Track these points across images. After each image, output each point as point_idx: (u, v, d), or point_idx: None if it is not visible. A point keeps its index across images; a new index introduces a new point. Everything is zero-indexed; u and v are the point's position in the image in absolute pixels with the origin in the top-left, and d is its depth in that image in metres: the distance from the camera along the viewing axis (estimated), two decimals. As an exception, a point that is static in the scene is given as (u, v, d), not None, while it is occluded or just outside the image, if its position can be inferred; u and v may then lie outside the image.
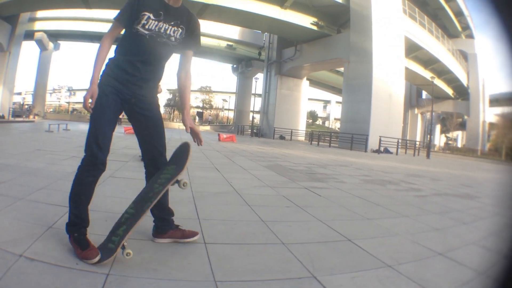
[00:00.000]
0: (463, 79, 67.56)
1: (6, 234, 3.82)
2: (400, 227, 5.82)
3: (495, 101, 76.32)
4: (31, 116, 57.74)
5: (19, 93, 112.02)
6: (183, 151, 3.84)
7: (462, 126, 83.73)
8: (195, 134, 3.94)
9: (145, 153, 3.97)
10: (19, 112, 58.38)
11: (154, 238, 4.07)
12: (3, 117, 43.29)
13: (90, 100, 3.49)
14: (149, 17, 3.60)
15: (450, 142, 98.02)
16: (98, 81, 3.58)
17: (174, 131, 41.96)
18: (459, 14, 60.17)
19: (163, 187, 3.64)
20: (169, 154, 3.95)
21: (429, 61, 55.43)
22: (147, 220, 3.86)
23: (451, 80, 66.98)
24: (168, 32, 3.72)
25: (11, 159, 9.54)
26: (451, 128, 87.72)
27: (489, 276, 3.71)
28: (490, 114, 76.42)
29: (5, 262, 3.12)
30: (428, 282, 3.59)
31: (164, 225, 4.03)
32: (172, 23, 3.74)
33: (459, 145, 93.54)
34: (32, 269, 3.08)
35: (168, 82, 78.01)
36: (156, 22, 3.64)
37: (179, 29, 3.80)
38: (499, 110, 76.72)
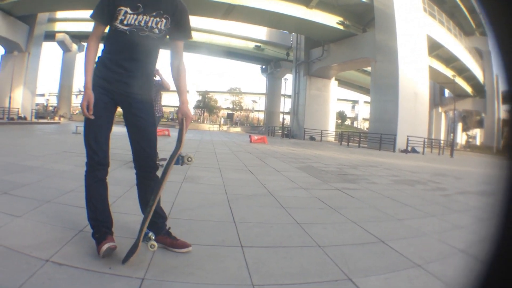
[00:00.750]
0: (480, 77, 67.20)
1: (30, 238, 3.76)
2: (428, 227, 5.81)
3: (508, 98, 75.62)
4: (56, 118, 58.24)
5: (42, 95, 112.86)
6: (179, 130, 3.77)
7: (480, 123, 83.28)
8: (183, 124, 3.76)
9: (134, 154, 3.88)
10: (43, 113, 58.86)
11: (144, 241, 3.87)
12: (25, 118, 43.53)
13: (86, 107, 3.44)
14: (126, 12, 3.45)
15: (470, 140, 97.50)
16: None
17: (205, 133, 42.18)
18: (472, 11, 59.74)
19: (167, 168, 3.58)
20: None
21: (449, 59, 54.90)
22: (190, 225, 3.81)
23: (470, 78, 66.51)
24: (149, 24, 3.55)
25: (36, 161, 9.55)
26: (471, 126, 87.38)
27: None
28: (503, 111, 75.81)
29: (29, 267, 3.04)
30: (451, 278, 3.61)
31: (155, 229, 3.81)
32: (154, 13, 3.54)
33: (478, 142, 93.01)
34: (61, 274, 3.01)
35: (197, 83, 78.13)
36: (135, 16, 3.48)
37: (163, 19, 3.60)
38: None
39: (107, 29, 3.67)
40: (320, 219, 5.68)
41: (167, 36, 3.76)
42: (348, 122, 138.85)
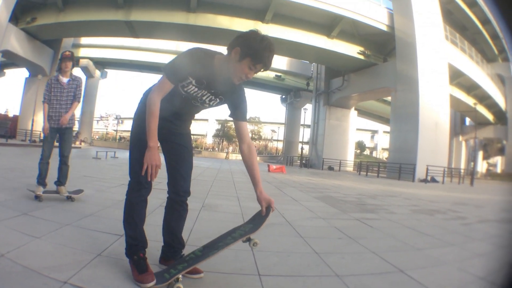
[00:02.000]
0: (502, 104, 66.51)
1: (49, 259, 3.80)
2: (448, 256, 5.75)
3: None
4: (77, 142, 58.63)
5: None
6: (264, 215, 3.76)
7: (501, 151, 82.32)
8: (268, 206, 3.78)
9: (169, 177, 3.94)
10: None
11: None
12: (46, 141, 43.95)
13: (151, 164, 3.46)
14: (190, 82, 3.55)
15: (491, 168, 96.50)
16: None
17: (223, 162, 42.29)
18: (495, 37, 59.25)
19: (234, 240, 3.59)
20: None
21: (471, 87, 54.05)
22: (219, 255, 3.80)
23: (491, 105, 65.62)
24: (204, 98, 3.71)
25: (58, 184, 9.59)
26: (492, 153, 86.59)
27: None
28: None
29: (47, 288, 3.05)
30: None
31: (170, 253, 3.97)
32: (212, 91, 3.67)
33: (499, 170, 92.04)
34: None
35: (215, 112, 78.44)
36: (196, 89, 3.61)
37: (217, 99, 3.76)
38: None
39: None
40: (339, 249, 5.68)
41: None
42: (367, 152, 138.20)
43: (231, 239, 3.62)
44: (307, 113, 58.07)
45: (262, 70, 3.45)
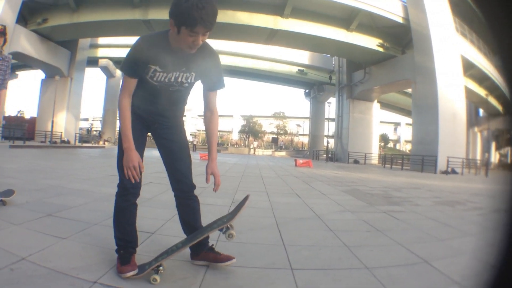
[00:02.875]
0: (508, 95, 65.90)
1: (77, 260, 3.80)
2: (467, 245, 5.88)
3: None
4: (101, 142, 59.28)
5: (86, 119, 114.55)
6: (241, 203, 3.77)
7: (510, 142, 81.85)
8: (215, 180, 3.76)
9: (170, 176, 3.94)
10: (87, 137, 60.02)
11: (191, 260, 4.00)
12: (68, 142, 44.50)
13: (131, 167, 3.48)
14: (155, 70, 3.46)
15: (502, 158, 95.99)
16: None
17: (250, 157, 42.58)
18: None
19: (211, 229, 3.68)
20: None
21: (482, 79, 54.22)
22: (240, 248, 4.04)
23: (500, 96, 65.48)
24: (179, 80, 3.58)
25: (83, 184, 9.72)
26: (503, 144, 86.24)
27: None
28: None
29: (74, 289, 3.03)
30: None
31: (197, 246, 3.89)
32: (184, 69, 3.54)
33: (509, 160, 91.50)
34: (108, 296, 2.99)
35: (241, 107, 78.79)
36: (165, 74, 3.49)
37: (192, 73, 3.61)
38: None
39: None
40: (367, 242, 5.69)
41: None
42: (390, 144, 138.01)
43: (208, 229, 3.73)
44: (331, 106, 58.24)
45: (206, 31, 3.21)
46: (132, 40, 61.31)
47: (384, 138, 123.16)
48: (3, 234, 4.50)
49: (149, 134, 3.93)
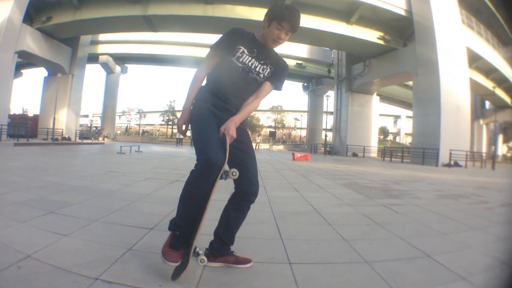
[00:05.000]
0: (520, 87, 65.87)
1: (79, 256, 3.84)
2: (472, 240, 5.79)
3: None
4: (101, 138, 59.33)
5: (86, 116, 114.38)
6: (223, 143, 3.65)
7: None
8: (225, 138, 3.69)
9: (240, 175, 3.76)
10: (87, 134, 59.96)
11: (208, 262, 3.86)
12: (69, 139, 44.48)
13: (184, 127, 3.80)
14: (243, 52, 3.76)
15: (511, 151, 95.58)
16: (191, 107, 3.78)
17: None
18: (509, 20, 58.31)
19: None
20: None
21: (489, 71, 53.61)
22: (238, 243, 3.96)
23: (509, 88, 64.98)
24: (257, 69, 3.85)
25: (83, 180, 9.74)
26: (511, 137, 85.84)
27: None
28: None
29: (77, 286, 3.11)
30: None
31: (220, 249, 3.90)
32: (262, 61, 3.87)
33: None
34: (110, 292, 3.04)
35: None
36: (250, 58, 3.79)
37: (268, 67, 3.92)
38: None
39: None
40: (366, 235, 5.71)
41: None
42: (390, 137, 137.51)
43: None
44: (329, 100, 57.94)
45: (291, 29, 3.76)
46: (132, 36, 61.51)
47: (383, 131, 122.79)
48: (10, 232, 4.59)
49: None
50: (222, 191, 4.50)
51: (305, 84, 78.83)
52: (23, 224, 4.97)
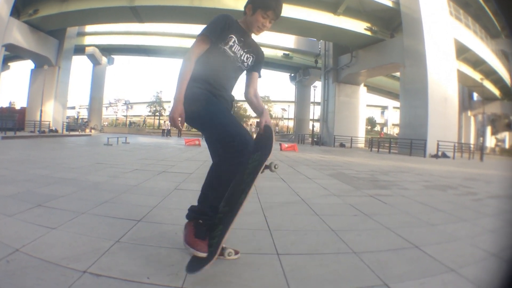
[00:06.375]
0: (507, 79, 66.03)
1: (67, 250, 3.83)
2: (460, 231, 5.81)
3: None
4: (88, 130, 59.11)
5: (73, 107, 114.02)
6: (267, 136, 3.88)
7: (509, 127, 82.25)
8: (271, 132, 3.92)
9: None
10: (74, 126, 59.83)
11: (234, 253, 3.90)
12: (56, 131, 44.26)
13: (180, 119, 3.54)
14: (235, 41, 3.80)
15: (499, 143, 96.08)
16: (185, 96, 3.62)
17: None
18: (497, 13, 58.41)
19: (253, 175, 3.63)
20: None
21: (477, 62, 54.00)
22: (231, 232, 3.74)
23: (497, 80, 65.06)
24: (243, 58, 3.91)
25: (70, 173, 9.74)
26: (500, 129, 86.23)
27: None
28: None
29: (66, 279, 3.10)
30: (483, 282, 3.68)
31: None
32: (246, 50, 3.94)
33: (507, 146, 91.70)
34: (98, 285, 3.07)
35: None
36: (238, 47, 3.84)
37: (251, 56, 4.01)
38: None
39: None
40: (354, 226, 5.70)
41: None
42: (377, 128, 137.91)
43: (249, 176, 3.67)
44: (316, 90, 57.81)
45: (274, 18, 3.86)
46: (119, 27, 61.40)
47: (371, 122, 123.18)
48: (-2, 226, 4.54)
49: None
50: (200, 182, 4.48)
51: (292, 75, 78.88)
52: (11, 218, 4.96)
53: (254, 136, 3.94)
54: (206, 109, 3.55)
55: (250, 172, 3.68)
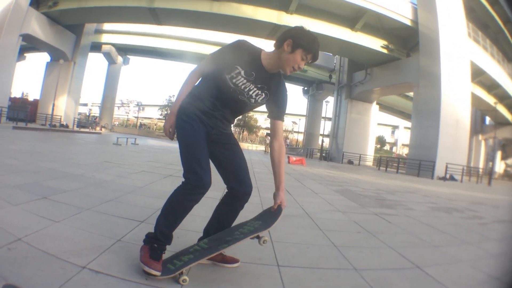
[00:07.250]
0: (522, 105, 65.61)
1: (69, 244, 3.84)
2: (464, 254, 5.75)
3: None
4: (98, 128, 59.27)
5: (85, 104, 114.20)
6: (274, 214, 3.82)
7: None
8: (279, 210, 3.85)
9: (232, 178, 3.89)
10: (85, 122, 59.95)
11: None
12: (66, 126, 44.45)
13: (170, 130, 3.71)
14: (239, 73, 3.59)
15: (508, 169, 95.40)
16: (178, 110, 3.70)
17: (245, 152, 42.90)
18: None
19: (243, 236, 3.62)
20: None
21: (492, 86, 53.24)
22: (240, 247, 3.92)
23: (511, 105, 65.17)
24: (250, 93, 3.70)
25: (78, 169, 9.75)
26: (510, 154, 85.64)
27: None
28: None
29: (65, 272, 3.11)
30: None
31: None
32: (259, 86, 3.70)
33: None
34: (96, 282, 3.08)
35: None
36: (245, 81, 3.62)
37: (263, 94, 3.76)
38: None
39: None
40: (357, 243, 5.69)
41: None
42: (387, 147, 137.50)
43: (240, 235, 3.66)
44: (328, 105, 57.72)
45: (310, 62, 3.69)
46: (137, 27, 61.42)
47: (380, 140, 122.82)
48: (2, 214, 4.61)
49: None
50: (215, 189, 4.49)
51: (306, 88, 78.61)
52: (16, 207, 4.99)
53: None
54: (183, 137, 3.62)
55: (243, 232, 3.71)
